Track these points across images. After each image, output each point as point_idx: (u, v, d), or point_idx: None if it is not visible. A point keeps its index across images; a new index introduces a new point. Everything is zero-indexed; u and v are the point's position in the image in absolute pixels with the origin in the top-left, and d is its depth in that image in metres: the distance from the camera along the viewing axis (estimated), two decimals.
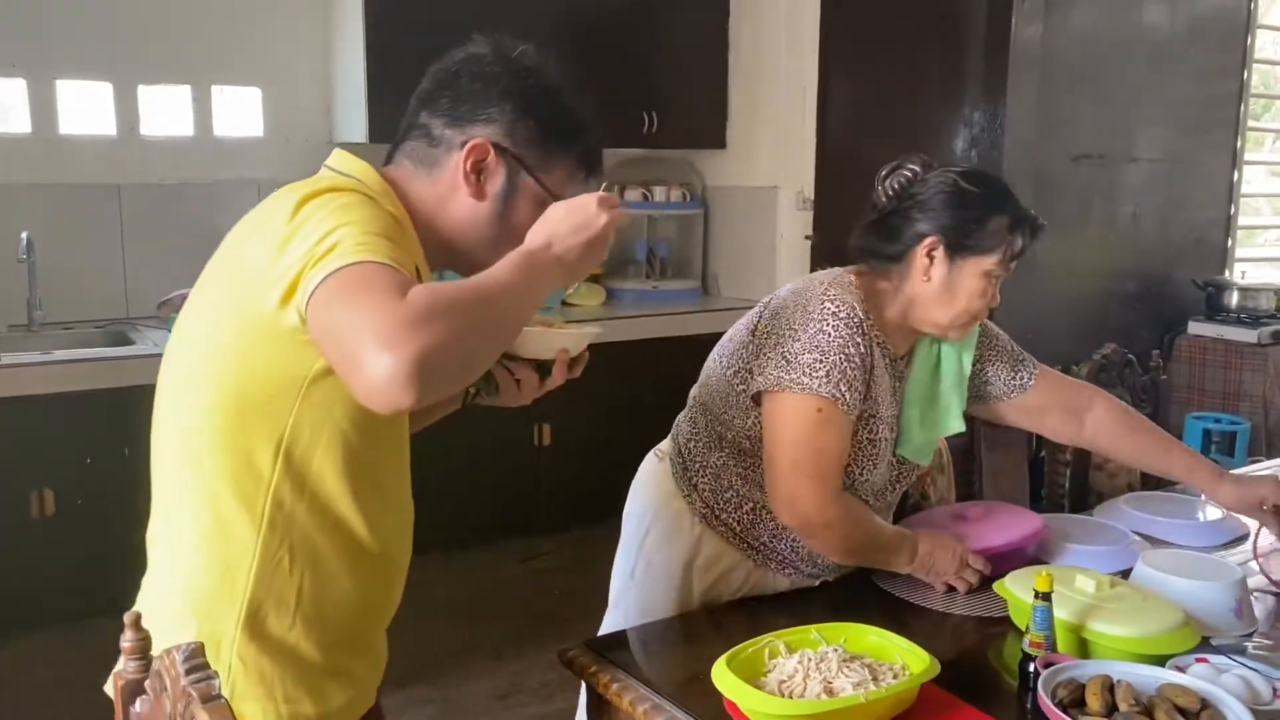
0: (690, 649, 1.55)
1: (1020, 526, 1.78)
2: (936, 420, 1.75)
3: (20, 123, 3.23)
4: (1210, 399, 4.11)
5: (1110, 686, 1.27)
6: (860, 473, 1.64)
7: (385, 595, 1.31)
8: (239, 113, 3.54)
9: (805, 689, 1.26)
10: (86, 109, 3.31)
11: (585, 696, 1.54)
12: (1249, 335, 4.03)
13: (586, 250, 1.17)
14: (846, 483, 1.63)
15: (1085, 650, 1.42)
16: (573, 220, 1.17)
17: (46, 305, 3.22)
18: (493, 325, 1.09)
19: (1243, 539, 1.97)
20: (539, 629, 3.19)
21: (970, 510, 1.83)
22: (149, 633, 0.99)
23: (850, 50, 3.95)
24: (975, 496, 2.22)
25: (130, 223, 3.37)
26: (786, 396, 1.56)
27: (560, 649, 1.49)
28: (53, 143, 3.26)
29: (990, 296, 1.65)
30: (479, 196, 1.23)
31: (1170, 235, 4.28)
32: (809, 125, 4.01)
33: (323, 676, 1.20)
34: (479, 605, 3.35)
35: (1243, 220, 4.68)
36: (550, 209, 1.19)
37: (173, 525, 1.20)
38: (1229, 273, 4.55)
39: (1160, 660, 1.36)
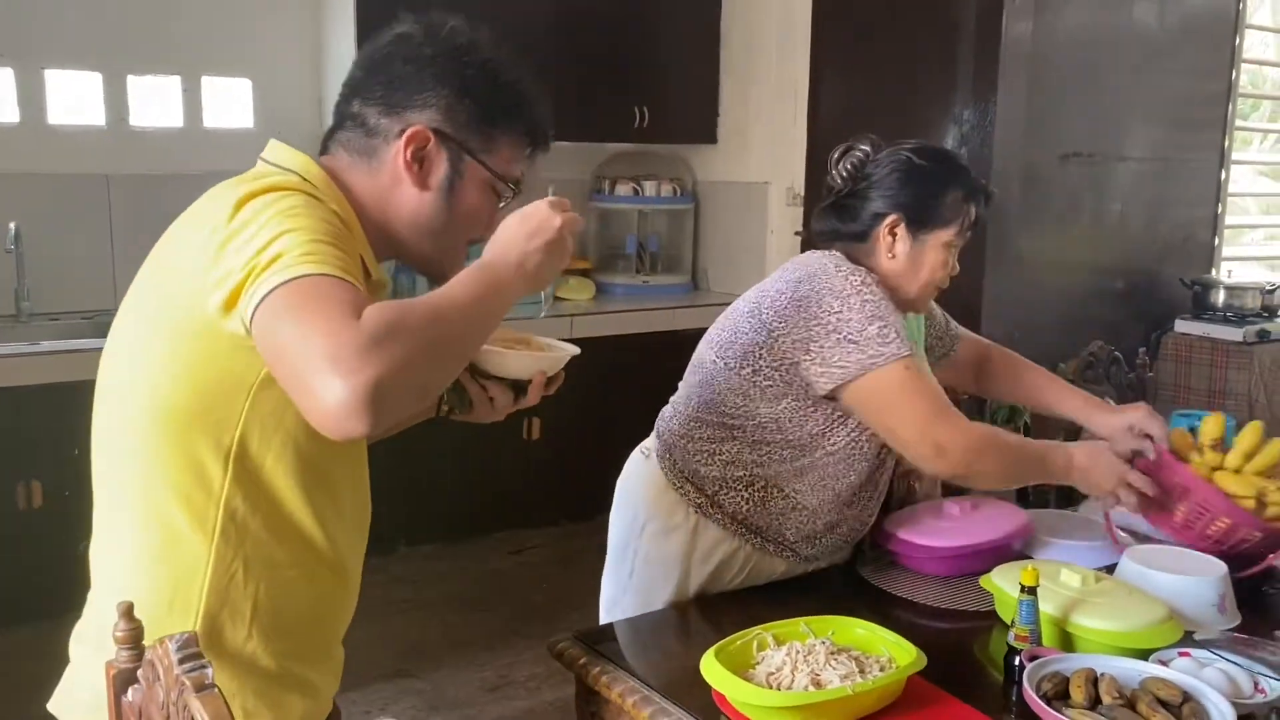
0: (679, 641, 1.56)
1: (1006, 522, 1.79)
2: None
3: (9, 112, 3.21)
4: (1196, 396, 4.14)
5: (1094, 679, 1.28)
6: (865, 444, 1.67)
7: (342, 602, 1.28)
8: (229, 104, 3.53)
9: (793, 681, 1.27)
10: (76, 99, 3.30)
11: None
12: (1235, 334, 4.05)
13: (547, 255, 1.14)
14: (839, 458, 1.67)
15: (1070, 644, 1.43)
16: (527, 227, 1.14)
17: (34, 296, 3.21)
18: (449, 346, 1.05)
19: None
20: (527, 622, 3.20)
21: (956, 506, 1.85)
22: (140, 623, 0.99)
23: (841, 47, 3.95)
24: (962, 492, 2.23)
25: (119, 214, 3.36)
26: (875, 375, 1.57)
27: (550, 641, 1.50)
28: (42, 132, 3.24)
29: (950, 266, 1.72)
30: (423, 186, 1.19)
31: (1158, 234, 4.30)
32: (800, 121, 4.02)
33: (281, 688, 1.17)
34: (468, 598, 3.35)
35: (1230, 219, 4.71)
36: (504, 222, 1.16)
37: (117, 541, 1.16)
38: (1216, 272, 4.57)
39: (1143, 654, 1.38)
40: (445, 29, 1.20)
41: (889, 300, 1.62)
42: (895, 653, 1.34)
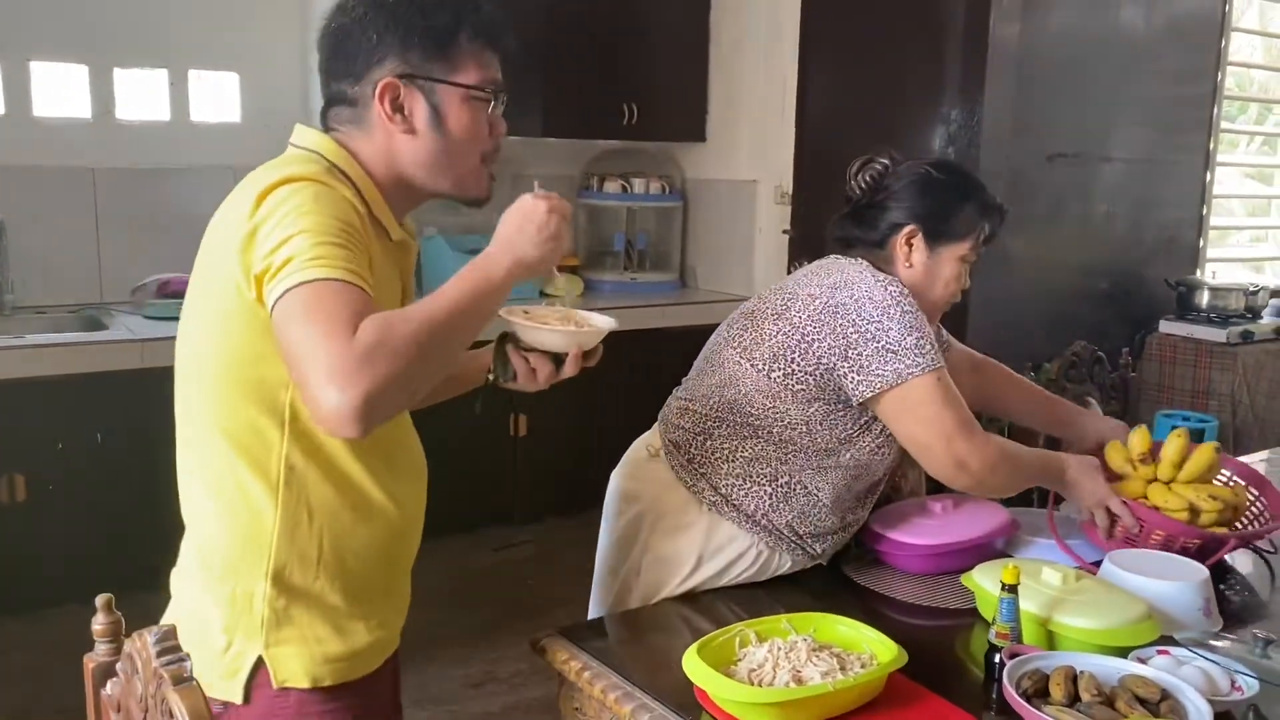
0: (662, 637, 1.56)
1: (988, 520, 1.80)
2: None
3: None
4: (1180, 397, 4.16)
5: (1073, 677, 1.29)
6: (888, 450, 1.71)
7: (402, 545, 1.37)
8: (216, 98, 3.51)
9: (774, 677, 1.27)
10: (62, 91, 3.28)
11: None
12: (1218, 335, 4.08)
13: (540, 241, 1.22)
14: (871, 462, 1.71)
15: (1050, 642, 1.44)
16: (515, 219, 1.23)
17: (19, 289, 3.19)
18: (439, 349, 1.14)
19: None
20: (512, 618, 3.20)
21: (940, 504, 1.86)
22: (120, 616, 0.99)
23: (830, 46, 3.96)
24: (946, 490, 2.24)
25: (105, 207, 3.34)
26: (911, 385, 1.60)
27: (533, 637, 1.50)
28: (27, 125, 3.23)
29: (963, 280, 1.76)
30: (411, 131, 1.27)
31: (1143, 235, 4.33)
32: (788, 120, 4.03)
33: (349, 618, 1.28)
34: (452, 594, 3.35)
35: (1215, 221, 4.73)
36: (499, 223, 1.24)
37: (197, 497, 1.28)
38: (1200, 273, 4.60)
39: (1123, 652, 1.39)
40: None
41: (920, 314, 1.65)
42: (877, 650, 1.35)
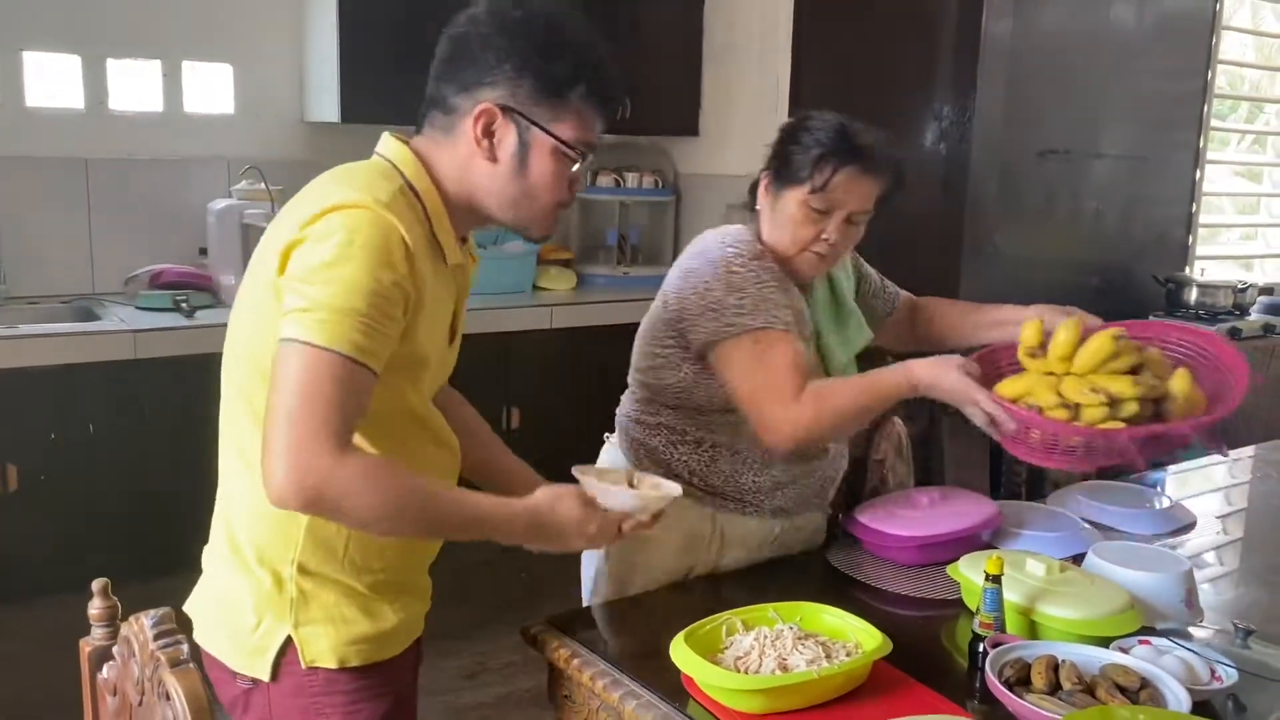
0: (650, 626, 1.57)
1: (974, 513, 1.82)
2: (850, 337, 1.83)
3: None
4: None
5: (1055, 666, 1.31)
6: None
7: (425, 541, 1.41)
8: (210, 89, 3.51)
9: (760, 665, 1.29)
10: (54, 82, 3.28)
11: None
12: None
13: (556, 547, 1.33)
14: None
15: (1034, 632, 1.46)
16: (564, 528, 1.30)
17: (11, 280, 3.19)
18: (420, 529, 1.25)
19: (1189, 527, 2.03)
20: (504, 611, 3.20)
21: (925, 495, 1.87)
22: (116, 602, 1.01)
23: (823, 41, 3.97)
24: (934, 484, 2.26)
25: (97, 198, 3.34)
26: (726, 345, 1.63)
27: (523, 626, 1.51)
28: (19, 115, 3.22)
29: (829, 235, 1.68)
30: (493, 159, 1.28)
31: (1133, 231, 4.35)
32: (781, 115, 4.03)
33: (376, 602, 1.32)
34: (445, 586, 3.35)
35: (1205, 218, 4.76)
36: (561, 504, 1.31)
37: (235, 470, 1.30)
38: (1189, 270, 4.63)
39: (1104, 642, 1.41)
40: (509, 6, 1.28)
41: (773, 274, 1.66)
42: (862, 639, 1.37)
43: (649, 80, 4.12)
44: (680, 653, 1.30)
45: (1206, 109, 4.50)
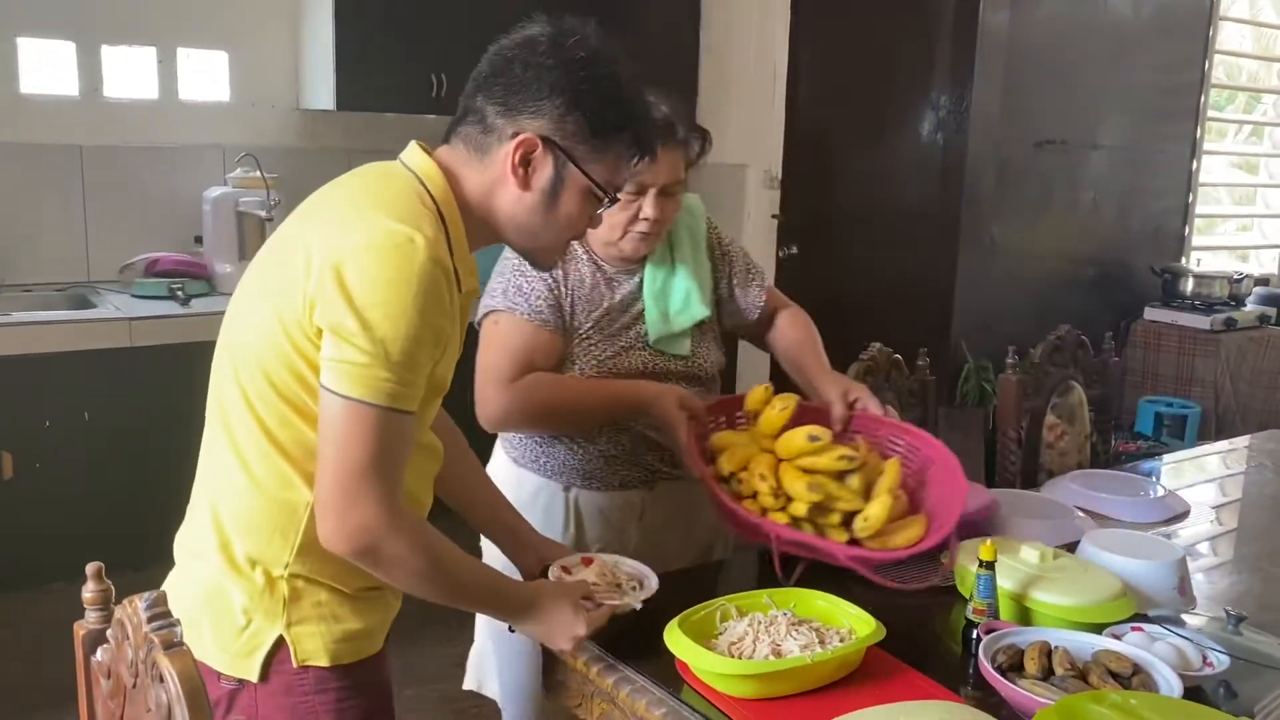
0: (644, 612, 1.57)
1: (970, 500, 1.82)
2: (677, 313, 1.79)
3: None
4: (1164, 383, 4.20)
5: (1048, 652, 1.32)
6: (618, 362, 1.74)
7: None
8: (205, 76, 3.50)
9: (754, 650, 1.30)
10: (49, 68, 3.26)
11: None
12: (1202, 322, 4.11)
13: (542, 637, 1.36)
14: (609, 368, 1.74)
15: (1027, 618, 1.47)
16: (558, 621, 1.34)
17: (6, 267, 3.18)
18: (431, 584, 1.26)
19: (1183, 516, 2.04)
20: None
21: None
22: (110, 585, 1.00)
23: (821, 31, 3.97)
24: None
25: (92, 185, 3.33)
26: (481, 321, 1.74)
27: None
28: (13, 102, 3.21)
29: (646, 211, 1.68)
30: (525, 188, 1.26)
31: (1129, 222, 4.36)
32: (778, 105, 4.04)
33: (364, 602, 1.31)
34: None
35: (1201, 209, 4.76)
36: (560, 592, 1.36)
37: (231, 464, 1.26)
38: (1185, 260, 4.64)
39: (1097, 628, 1.41)
40: (571, 39, 1.26)
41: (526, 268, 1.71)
42: (855, 625, 1.37)
43: (646, 70, 4.11)
44: (674, 638, 1.31)
45: (1204, 100, 4.50)
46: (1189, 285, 4.26)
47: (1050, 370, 2.52)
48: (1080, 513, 1.92)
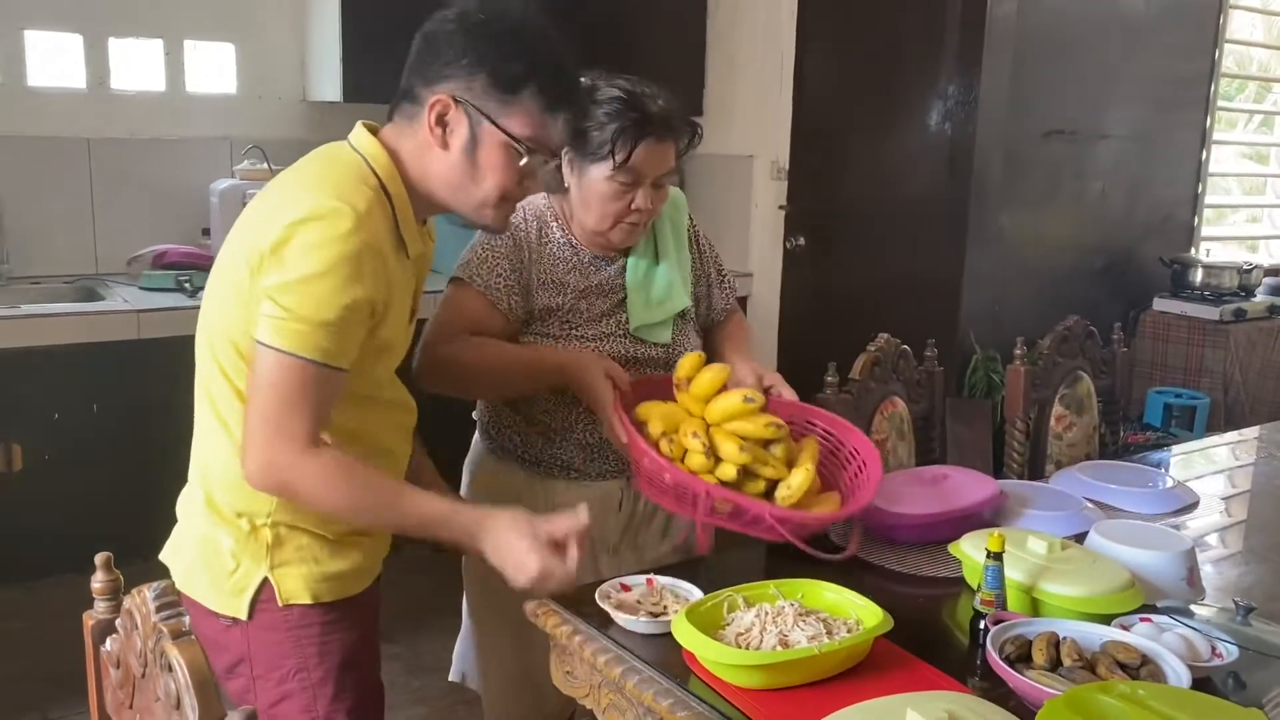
0: None
1: (976, 491, 1.82)
2: (659, 302, 1.79)
3: None
4: (1173, 374, 4.19)
5: (1056, 643, 1.32)
6: (599, 348, 1.74)
7: None
8: (212, 68, 3.50)
9: (761, 641, 1.30)
10: (56, 61, 3.27)
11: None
12: (1212, 312, 4.09)
13: (501, 566, 1.39)
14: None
15: (1035, 609, 1.46)
16: (513, 557, 1.37)
17: (14, 259, 3.19)
18: (366, 519, 1.39)
19: (1192, 507, 2.03)
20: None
21: (928, 474, 1.87)
22: (119, 575, 1.01)
23: (828, 21, 3.95)
24: (936, 463, 2.26)
25: (100, 178, 3.34)
26: (450, 284, 1.75)
27: (525, 602, 1.52)
28: (21, 94, 3.21)
29: (638, 202, 1.69)
30: (445, 147, 1.37)
31: (1138, 212, 4.33)
32: (786, 95, 4.02)
33: (344, 546, 1.44)
34: (442, 566, 3.37)
35: (1211, 199, 4.74)
36: (516, 526, 1.38)
37: (215, 441, 1.39)
38: (1194, 251, 4.61)
39: (1106, 619, 1.41)
40: (476, 7, 1.38)
41: (515, 242, 1.73)
42: (863, 615, 1.37)
43: (653, 60, 4.10)
44: (682, 629, 1.31)
45: (1213, 89, 4.47)
46: (1198, 276, 4.23)
47: (1058, 361, 2.51)
48: (1088, 504, 1.91)
